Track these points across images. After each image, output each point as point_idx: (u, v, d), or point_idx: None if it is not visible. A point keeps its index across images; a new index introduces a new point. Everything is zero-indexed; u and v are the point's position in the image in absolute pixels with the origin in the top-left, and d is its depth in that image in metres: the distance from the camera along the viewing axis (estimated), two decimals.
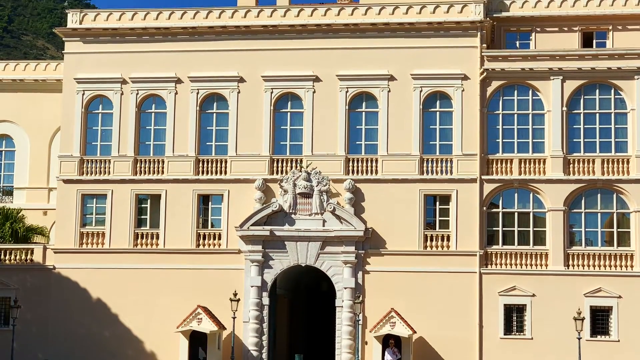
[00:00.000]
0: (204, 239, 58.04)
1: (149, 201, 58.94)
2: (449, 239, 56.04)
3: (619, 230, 55.36)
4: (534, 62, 56.43)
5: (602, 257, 55.05)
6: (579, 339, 51.26)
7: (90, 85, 59.70)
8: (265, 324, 56.53)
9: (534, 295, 54.79)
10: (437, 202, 56.60)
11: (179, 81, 59.12)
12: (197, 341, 55.41)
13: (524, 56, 56.85)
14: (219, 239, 57.81)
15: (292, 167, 57.46)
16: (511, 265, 55.52)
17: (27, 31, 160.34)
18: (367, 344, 55.15)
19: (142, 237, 58.55)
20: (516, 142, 56.60)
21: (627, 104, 55.96)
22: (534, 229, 55.93)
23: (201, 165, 58.51)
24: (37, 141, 64.16)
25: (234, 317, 54.31)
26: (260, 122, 58.15)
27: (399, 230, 56.07)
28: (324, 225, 56.34)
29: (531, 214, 56.08)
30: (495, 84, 56.73)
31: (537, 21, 59.55)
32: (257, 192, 57.10)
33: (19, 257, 59.04)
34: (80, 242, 58.76)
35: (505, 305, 55.14)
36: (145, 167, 58.97)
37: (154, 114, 59.58)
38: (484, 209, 55.95)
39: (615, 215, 55.53)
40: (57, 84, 62.16)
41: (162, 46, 59.65)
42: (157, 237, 58.37)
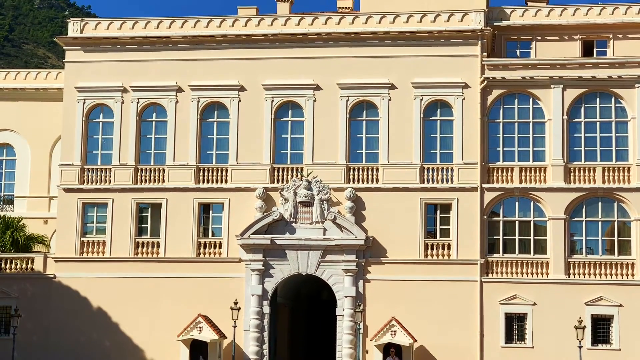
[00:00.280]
0: (205, 247, 58.02)
1: (149, 210, 58.94)
2: (449, 248, 56.01)
3: (619, 238, 55.32)
4: (535, 70, 56.46)
5: (603, 265, 55.01)
6: (580, 347, 51.18)
7: (91, 94, 59.74)
8: (266, 333, 56.48)
9: (535, 303, 54.74)
10: (438, 211, 56.59)
11: (179, 90, 59.16)
12: (197, 350, 55.36)
13: (524, 65, 56.89)
14: (220, 247, 57.79)
15: (292, 175, 57.45)
16: (512, 273, 55.49)
17: (28, 40, 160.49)
18: (368, 352, 55.08)
19: (142, 246, 58.54)
20: (517, 151, 56.60)
21: (627, 112, 55.97)
22: (535, 238, 55.90)
23: (202, 173, 58.51)
24: (37, 150, 64.18)
25: (235, 326, 54.28)
26: (260, 131, 58.17)
27: (400, 238, 56.05)
28: (324, 233, 56.32)
29: (532, 223, 56.05)
30: (495, 93, 56.76)
31: (538, 30, 59.64)
32: (258, 200, 57.09)
33: (19, 265, 59.00)
34: (81, 251, 58.74)
35: (506, 313, 55.09)
36: (145, 176, 58.98)
37: (154, 122, 59.61)
38: (485, 217, 55.94)
39: (616, 223, 55.51)
40: (58, 92, 62.20)
41: (162, 55, 59.70)
42: (158, 246, 58.36)
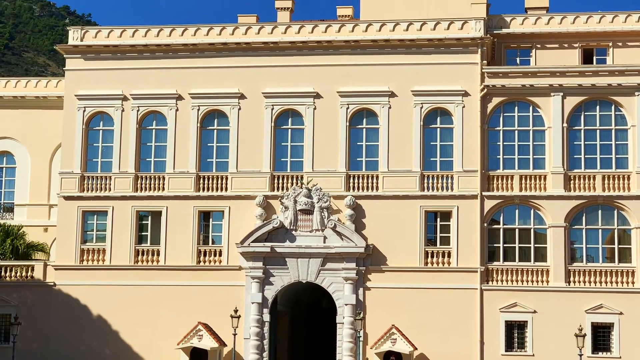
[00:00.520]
0: (205, 255, 58.00)
1: (149, 218, 58.94)
2: (449, 255, 56.00)
3: (620, 246, 55.32)
4: (535, 78, 56.50)
5: (603, 273, 54.99)
6: (580, 355, 51.17)
7: (91, 101, 59.77)
8: (266, 341, 56.43)
9: (535, 311, 54.71)
10: (438, 219, 56.59)
11: (179, 98, 59.19)
12: (197, 358, 55.36)
13: (524, 73, 56.93)
14: (220, 255, 57.78)
15: (292, 183, 57.47)
16: (512, 281, 55.47)
17: (28, 48, 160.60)
18: None
19: (142, 254, 58.53)
20: (517, 159, 56.62)
21: (627, 120, 56.00)
22: (535, 246, 55.89)
23: (202, 181, 58.52)
24: (37, 158, 64.20)
25: (235, 334, 54.24)
26: (260, 139, 58.19)
27: (400, 246, 56.04)
28: (324, 241, 56.30)
29: (532, 230, 56.04)
30: (495, 101, 56.79)
31: (538, 38, 59.70)
32: (258, 208, 57.09)
33: (19, 273, 58.98)
34: (80, 259, 58.73)
35: (506, 321, 55.06)
36: (145, 184, 58.99)
37: (154, 130, 59.63)
38: (485, 225, 55.93)
39: (616, 231, 55.51)
40: (58, 100, 62.23)
41: (162, 63, 59.74)
42: (158, 254, 58.34)
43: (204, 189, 58.37)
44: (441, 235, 56.45)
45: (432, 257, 56.13)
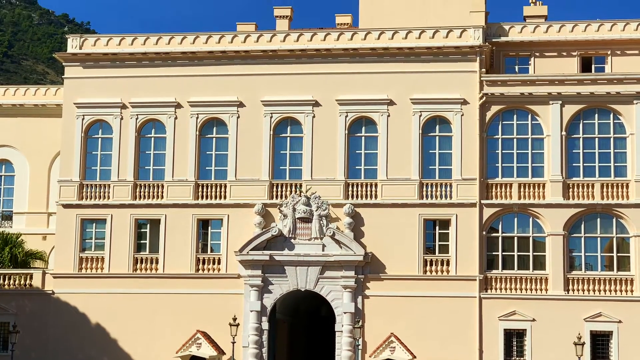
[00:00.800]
0: (204, 263, 57.98)
1: (148, 226, 58.92)
2: (448, 264, 55.98)
3: (618, 254, 55.32)
4: (533, 86, 56.54)
5: (602, 281, 54.97)
6: None
7: (90, 110, 59.79)
8: (264, 349, 56.37)
9: (534, 320, 54.68)
10: (437, 227, 56.59)
11: (178, 106, 59.21)
12: None
13: (523, 81, 56.97)
14: (219, 263, 57.76)
15: (291, 191, 57.46)
16: (511, 289, 55.44)
17: (27, 56, 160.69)
18: None
19: (141, 262, 58.50)
20: (515, 167, 56.64)
21: (626, 128, 56.03)
22: (534, 254, 55.89)
23: (201, 189, 58.52)
24: (36, 166, 64.19)
25: (234, 342, 54.16)
26: (259, 147, 58.21)
27: (399, 254, 56.02)
28: (323, 249, 56.29)
29: (531, 239, 56.05)
30: (494, 109, 56.83)
31: (536, 46, 59.76)
32: (257, 216, 57.08)
33: (18, 282, 58.94)
34: (79, 267, 58.70)
35: (505, 330, 55.03)
36: (144, 192, 58.98)
37: (153, 138, 59.64)
38: (484, 233, 55.92)
39: (614, 239, 55.51)
40: (57, 108, 62.24)
41: (161, 71, 59.77)
42: (157, 262, 58.32)
43: (202, 197, 58.37)
44: (440, 243, 56.45)
45: (431, 265, 56.12)
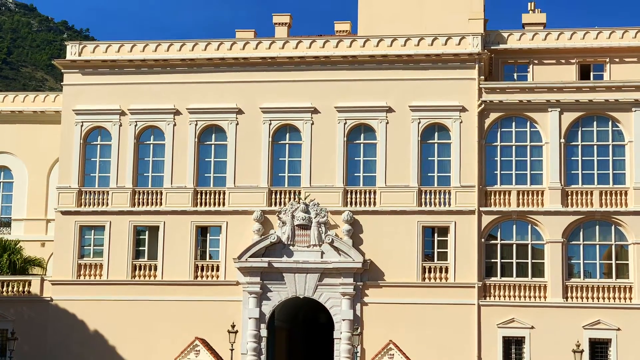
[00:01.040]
0: (202, 270, 57.95)
1: (147, 233, 58.91)
2: (447, 271, 55.98)
3: (617, 262, 55.33)
4: (532, 94, 56.58)
5: (600, 289, 54.96)
6: None
7: (88, 116, 59.80)
8: (263, 356, 56.31)
9: (533, 327, 54.65)
10: (436, 234, 56.59)
11: (177, 113, 59.23)
12: None
13: (521, 88, 56.99)
14: (217, 270, 57.74)
15: (290, 198, 57.47)
16: (510, 297, 55.42)
17: (26, 63, 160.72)
18: None
19: (140, 269, 58.47)
20: (514, 174, 56.66)
21: (624, 135, 56.07)
22: (533, 261, 55.88)
23: (199, 196, 58.51)
24: (35, 172, 64.18)
25: (232, 349, 54.09)
26: (258, 154, 58.22)
27: (397, 261, 56.01)
28: (322, 256, 56.27)
29: (529, 246, 56.04)
30: (493, 116, 56.85)
31: (535, 53, 59.82)
32: (256, 223, 57.08)
33: (16, 288, 58.90)
34: (78, 274, 58.66)
35: (504, 337, 55.00)
36: (143, 199, 58.98)
37: (152, 145, 59.65)
38: (482, 240, 55.92)
39: (613, 247, 55.51)
40: (56, 115, 62.24)
41: (160, 78, 59.79)
42: (155, 269, 58.29)
43: (201, 204, 58.37)
44: (439, 250, 56.44)
45: (430, 272, 56.11)
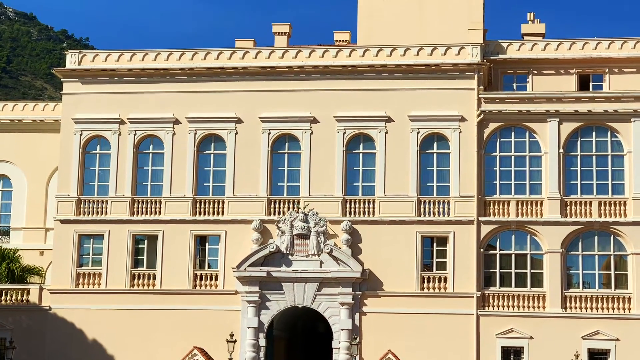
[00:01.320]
0: (201, 279, 57.93)
1: (146, 242, 58.89)
2: (446, 281, 55.97)
3: (616, 272, 55.32)
4: (531, 104, 56.62)
5: (599, 299, 54.94)
6: None
7: (88, 125, 59.82)
8: None
9: (532, 337, 54.61)
10: (434, 244, 56.59)
11: (176, 122, 59.25)
12: None
13: (521, 98, 57.05)
14: (216, 279, 57.72)
15: (289, 208, 57.46)
16: (508, 307, 55.40)
17: (26, 71, 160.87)
18: None
19: (138, 278, 58.44)
20: (513, 184, 56.67)
21: (623, 146, 56.10)
22: (532, 271, 55.86)
23: (198, 206, 58.51)
24: (34, 181, 64.17)
25: (231, 359, 53.98)
26: (257, 163, 58.23)
27: (396, 271, 55.99)
28: (321, 266, 56.25)
29: (528, 256, 56.03)
30: (492, 126, 56.89)
31: (534, 64, 59.87)
32: (254, 233, 57.06)
33: (14, 297, 58.84)
34: (76, 283, 58.63)
35: (502, 347, 54.94)
36: (142, 208, 58.97)
37: (151, 154, 59.66)
38: (481, 250, 55.91)
39: (612, 257, 55.50)
40: (55, 124, 62.24)
41: (160, 87, 59.83)
42: (154, 278, 58.25)
43: (200, 213, 58.36)
44: (437, 260, 56.44)
45: (429, 282, 56.09)
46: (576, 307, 54.96)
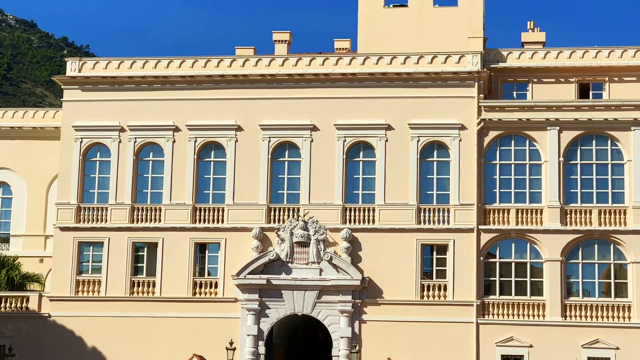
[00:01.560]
0: (201, 287, 57.88)
1: (145, 249, 58.86)
2: (446, 289, 55.93)
3: (616, 281, 55.28)
4: (531, 112, 56.64)
5: (599, 308, 54.89)
6: None
7: (88, 132, 59.82)
8: None
9: (532, 346, 54.55)
10: (434, 252, 56.56)
11: (176, 129, 59.27)
12: None
13: (521, 106, 57.06)
14: (216, 287, 57.68)
15: (289, 215, 57.44)
16: (508, 315, 55.35)
17: (26, 79, 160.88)
18: None
19: (138, 285, 58.40)
20: (513, 192, 56.65)
21: (623, 155, 56.10)
22: (531, 279, 55.82)
23: (198, 213, 58.49)
24: (34, 188, 64.17)
25: None
26: (257, 171, 58.23)
27: (396, 279, 55.95)
28: (320, 274, 56.22)
29: (528, 264, 55.99)
30: (492, 134, 56.90)
31: (534, 72, 59.92)
32: (254, 240, 57.04)
33: (14, 304, 58.80)
34: (76, 290, 58.59)
35: (502, 355, 54.88)
36: (142, 215, 58.95)
37: (151, 162, 59.66)
38: (481, 258, 55.88)
39: (612, 266, 55.46)
40: (55, 131, 62.26)
41: (160, 94, 59.85)
42: (154, 285, 58.20)
43: (200, 221, 58.34)
44: (437, 268, 56.40)
45: (428, 290, 56.05)
46: (576, 316, 54.91)
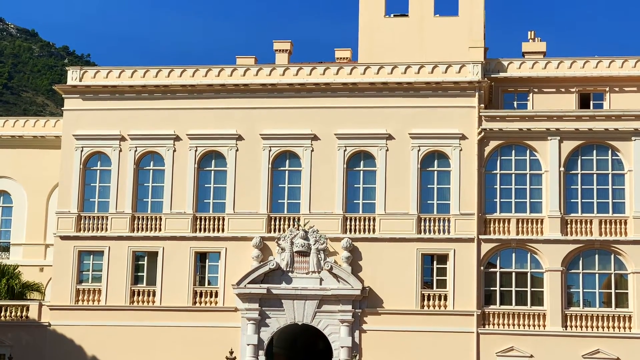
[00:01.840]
0: (201, 296, 57.83)
1: (146, 258, 58.83)
2: (446, 299, 55.88)
3: (616, 291, 55.21)
4: (532, 122, 56.64)
5: (600, 318, 54.82)
6: None
7: (89, 141, 59.83)
8: None
9: (532, 356, 54.50)
10: (435, 261, 56.51)
11: (177, 138, 59.27)
12: None
13: (521, 116, 57.06)
14: (216, 296, 57.63)
15: (289, 225, 57.42)
16: (509, 325, 55.28)
17: (27, 88, 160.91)
18: None
19: (138, 295, 58.35)
20: (514, 202, 56.62)
21: (624, 165, 56.08)
22: (532, 289, 55.76)
23: (199, 222, 58.47)
24: (34, 197, 64.15)
25: None
26: (258, 180, 58.22)
27: (396, 289, 55.91)
28: (321, 283, 56.17)
29: (529, 274, 55.94)
30: (493, 144, 56.89)
31: (535, 82, 59.94)
32: (255, 250, 57.01)
33: (14, 313, 58.75)
34: (76, 299, 58.54)
35: None
36: (142, 224, 58.92)
37: (152, 171, 59.66)
38: (482, 268, 55.84)
39: (613, 276, 55.41)
40: (56, 140, 62.28)
41: (161, 104, 59.88)
42: (154, 295, 58.16)
43: (200, 230, 58.32)
44: (438, 278, 56.37)
45: (429, 300, 56.00)
46: (576, 326, 54.84)
